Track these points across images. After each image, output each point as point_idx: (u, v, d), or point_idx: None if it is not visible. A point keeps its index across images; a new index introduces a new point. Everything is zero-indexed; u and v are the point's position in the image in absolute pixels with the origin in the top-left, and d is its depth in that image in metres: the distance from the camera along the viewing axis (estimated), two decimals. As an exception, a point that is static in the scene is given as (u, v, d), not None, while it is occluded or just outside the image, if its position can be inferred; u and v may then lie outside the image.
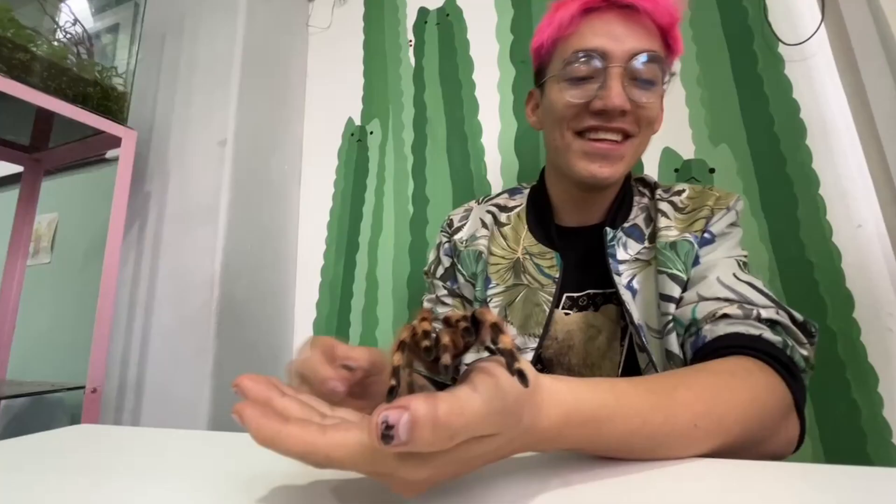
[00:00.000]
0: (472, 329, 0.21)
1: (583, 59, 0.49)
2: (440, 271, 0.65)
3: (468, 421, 0.18)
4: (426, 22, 1.11)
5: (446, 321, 0.22)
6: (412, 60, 1.11)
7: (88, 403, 0.81)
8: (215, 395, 0.87)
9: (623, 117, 0.49)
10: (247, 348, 0.97)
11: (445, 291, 0.64)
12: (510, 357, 0.19)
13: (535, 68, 0.58)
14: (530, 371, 0.21)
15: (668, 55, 0.52)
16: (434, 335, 0.21)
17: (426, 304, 0.65)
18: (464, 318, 0.21)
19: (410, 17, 1.13)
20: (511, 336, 0.19)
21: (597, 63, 0.48)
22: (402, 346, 0.20)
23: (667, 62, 0.51)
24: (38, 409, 1.06)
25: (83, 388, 0.82)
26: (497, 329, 0.19)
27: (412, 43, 1.12)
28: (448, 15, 1.08)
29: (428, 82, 1.08)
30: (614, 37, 0.48)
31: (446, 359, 0.19)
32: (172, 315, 0.97)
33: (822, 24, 0.74)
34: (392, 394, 0.19)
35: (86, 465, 0.33)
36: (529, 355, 0.52)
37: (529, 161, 0.94)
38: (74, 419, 1.00)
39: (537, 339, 0.53)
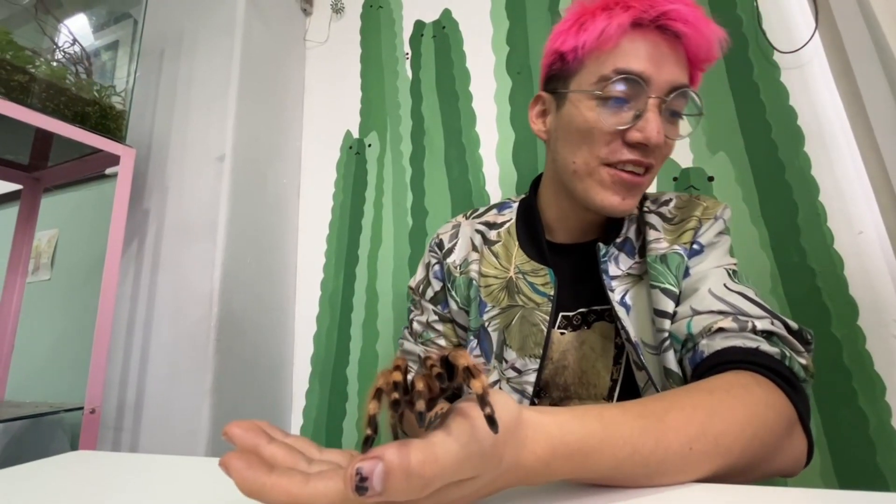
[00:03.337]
0: (445, 374, 0.21)
1: (622, 81, 0.45)
2: (429, 293, 0.63)
3: (443, 468, 0.18)
4: (422, 34, 1.11)
5: (423, 363, 0.22)
6: (409, 73, 1.11)
7: (87, 424, 0.80)
8: (215, 411, 0.87)
9: (653, 151, 0.46)
10: (246, 363, 0.96)
11: (437, 317, 0.62)
12: (482, 402, 0.19)
13: (551, 71, 0.52)
14: (511, 410, 0.21)
15: None
16: (408, 383, 0.21)
17: (416, 326, 0.64)
18: (440, 360, 0.21)
19: (407, 30, 1.14)
20: (485, 380, 0.20)
21: (637, 89, 0.45)
22: (378, 393, 0.20)
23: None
24: (37, 430, 1.05)
25: (82, 408, 0.81)
26: (469, 373, 0.20)
27: (409, 55, 1.12)
28: (444, 27, 1.09)
29: (425, 94, 1.08)
30: (658, 63, 0.44)
31: (420, 405, 0.19)
32: (172, 331, 0.96)
33: (816, 31, 0.75)
34: (368, 443, 0.19)
35: (84, 494, 0.33)
36: (531, 377, 0.51)
37: (528, 171, 0.94)
38: (74, 439, 0.99)
39: (538, 360, 0.51)
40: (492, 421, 0.18)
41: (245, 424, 0.22)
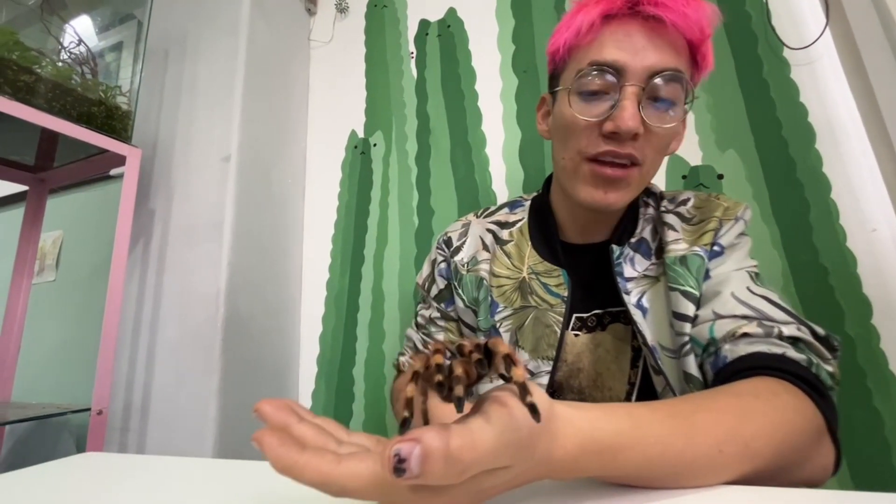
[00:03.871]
0: (485, 360, 0.21)
1: (596, 73, 0.44)
2: (434, 290, 0.63)
3: (481, 455, 0.18)
4: (427, 34, 1.11)
5: (459, 350, 0.22)
6: (414, 72, 1.11)
7: (94, 426, 0.80)
8: (221, 412, 0.86)
9: (634, 141, 0.44)
10: (253, 364, 0.96)
11: (439, 314, 0.62)
12: (523, 390, 0.19)
13: (550, 73, 0.54)
14: (544, 402, 0.21)
15: (694, 72, 0.47)
16: (447, 366, 0.20)
17: (419, 319, 0.64)
18: (476, 348, 0.21)
19: (411, 29, 1.14)
20: (524, 367, 0.19)
21: (611, 79, 0.44)
22: (415, 376, 0.20)
23: (692, 80, 0.46)
24: (43, 431, 1.05)
25: (89, 410, 0.81)
26: (510, 360, 0.20)
27: (414, 55, 1.12)
28: (449, 26, 1.09)
29: (430, 93, 1.08)
30: (634, 50, 0.44)
31: (459, 390, 0.19)
32: (178, 332, 0.96)
33: (827, 27, 0.74)
34: (405, 425, 0.19)
35: (92, 496, 0.32)
36: (544, 379, 0.50)
37: (534, 171, 0.93)
38: (80, 440, 0.99)
39: (550, 362, 0.51)
40: (534, 410, 0.18)
41: (276, 403, 0.22)
